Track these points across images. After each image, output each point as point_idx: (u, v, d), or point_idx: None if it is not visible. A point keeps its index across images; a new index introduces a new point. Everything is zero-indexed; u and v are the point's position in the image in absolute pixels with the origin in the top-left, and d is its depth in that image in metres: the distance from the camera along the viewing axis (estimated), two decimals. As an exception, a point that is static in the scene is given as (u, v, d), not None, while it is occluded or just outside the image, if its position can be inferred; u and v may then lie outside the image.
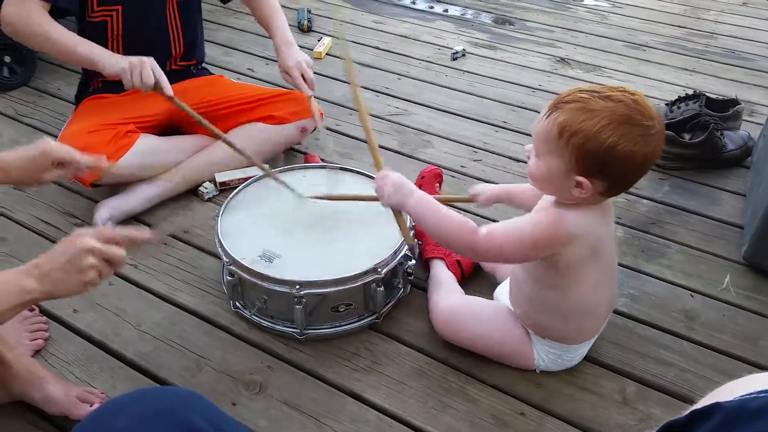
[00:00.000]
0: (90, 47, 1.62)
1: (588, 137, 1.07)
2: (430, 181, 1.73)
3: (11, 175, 1.20)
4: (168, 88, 1.63)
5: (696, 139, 2.01)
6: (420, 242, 1.60)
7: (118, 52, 1.68)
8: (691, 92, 2.16)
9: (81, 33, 1.72)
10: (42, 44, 1.63)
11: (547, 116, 1.11)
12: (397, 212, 1.31)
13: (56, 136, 1.74)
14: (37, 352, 1.38)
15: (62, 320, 1.46)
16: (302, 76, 1.84)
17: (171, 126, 1.93)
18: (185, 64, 1.96)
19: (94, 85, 1.87)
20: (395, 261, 1.43)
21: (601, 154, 1.07)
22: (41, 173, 1.22)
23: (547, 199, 1.24)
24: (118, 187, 1.77)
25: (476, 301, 1.44)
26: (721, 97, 2.20)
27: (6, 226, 1.74)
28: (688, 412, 0.68)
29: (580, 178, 1.10)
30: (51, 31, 1.60)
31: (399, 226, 1.33)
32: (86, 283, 0.99)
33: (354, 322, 1.44)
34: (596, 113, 1.07)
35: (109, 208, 1.70)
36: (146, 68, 1.58)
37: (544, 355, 1.35)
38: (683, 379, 1.37)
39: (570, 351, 1.35)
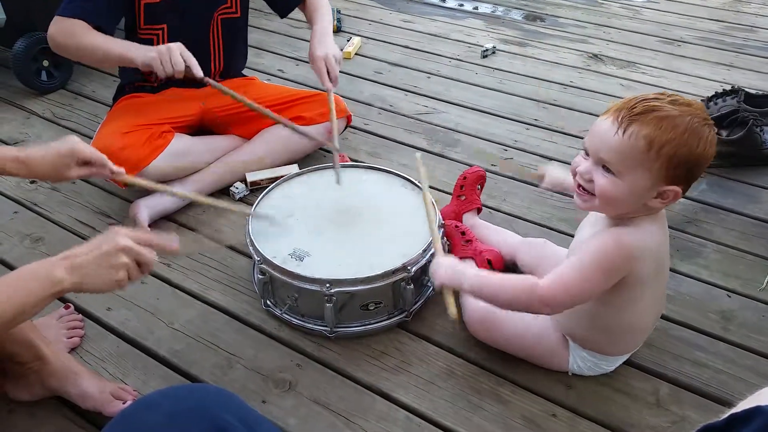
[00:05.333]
0: (125, 45, 1.65)
1: (680, 144, 1.06)
2: (472, 183, 1.69)
3: (35, 170, 1.24)
4: (198, 69, 1.64)
5: (734, 136, 1.96)
6: (449, 242, 1.60)
7: None
8: (728, 87, 2.11)
9: None
10: (87, 56, 1.69)
11: (624, 131, 1.08)
12: (448, 290, 1.26)
13: (92, 138, 1.78)
14: (72, 350, 1.40)
15: (96, 318, 1.49)
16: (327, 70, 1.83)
17: (202, 126, 1.95)
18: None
19: (129, 88, 1.91)
20: (425, 259, 1.43)
21: (693, 160, 1.08)
22: (65, 170, 1.27)
23: (598, 223, 1.22)
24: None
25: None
26: (761, 92, 2.14)
27: (44, 225, 1.78)
28: (726, 415, 0.66)
29: (669, 187, 1.10)
30: (93, 41, 1.64)
31: (446, 302, 1.25)
32: (116, 282, 1.00)
33: (384, 320, 1.44)
34: (678, 119, 1.07)
35: (143, 208, 1.72)
36: (175, 54, 1.60)
37: (580, 362, 1.32)
38: (719, 381, 1.34)
39: (609, 361, 1.33)
